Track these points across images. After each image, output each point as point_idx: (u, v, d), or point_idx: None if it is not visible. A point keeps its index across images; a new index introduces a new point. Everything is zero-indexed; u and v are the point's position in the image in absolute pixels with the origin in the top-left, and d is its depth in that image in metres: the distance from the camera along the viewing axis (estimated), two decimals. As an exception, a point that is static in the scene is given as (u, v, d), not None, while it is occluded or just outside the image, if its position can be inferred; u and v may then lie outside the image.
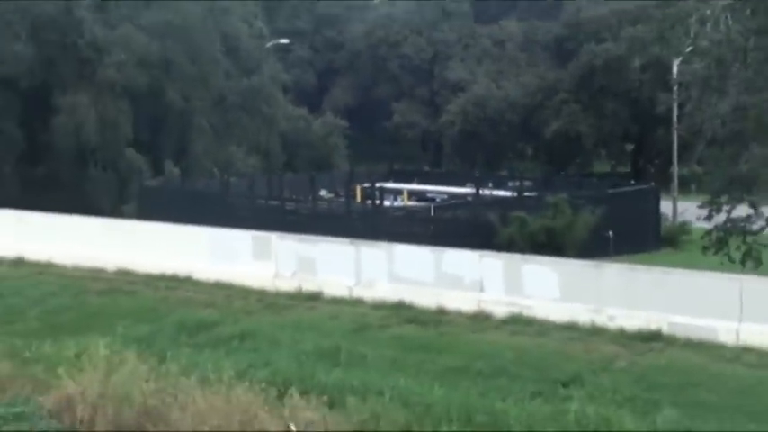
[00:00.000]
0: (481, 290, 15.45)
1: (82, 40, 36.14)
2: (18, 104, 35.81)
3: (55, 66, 36.55)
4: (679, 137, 29.67)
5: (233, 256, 18.01)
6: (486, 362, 13.06)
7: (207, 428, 10.88)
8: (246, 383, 10.94)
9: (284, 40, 47.75)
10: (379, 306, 16.20)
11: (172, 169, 36.97)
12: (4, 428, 11.56)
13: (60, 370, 11.58)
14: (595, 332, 14.66)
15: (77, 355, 12.47)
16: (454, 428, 10.13)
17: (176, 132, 39.15)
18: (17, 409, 11.71)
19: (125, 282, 18.82)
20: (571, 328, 14.82)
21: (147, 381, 11.40)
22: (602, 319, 14.62)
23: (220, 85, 41.43)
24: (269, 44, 45.76)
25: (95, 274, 19.49)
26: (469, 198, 31.08)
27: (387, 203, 31.32)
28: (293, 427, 10.41)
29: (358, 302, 16.60)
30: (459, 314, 15.72)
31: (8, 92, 35.37)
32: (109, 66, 35.97)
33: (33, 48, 35.22)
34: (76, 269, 19.74)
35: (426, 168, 50.58)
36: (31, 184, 34.52)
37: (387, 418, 10.48)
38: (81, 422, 11.65)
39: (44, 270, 19.92)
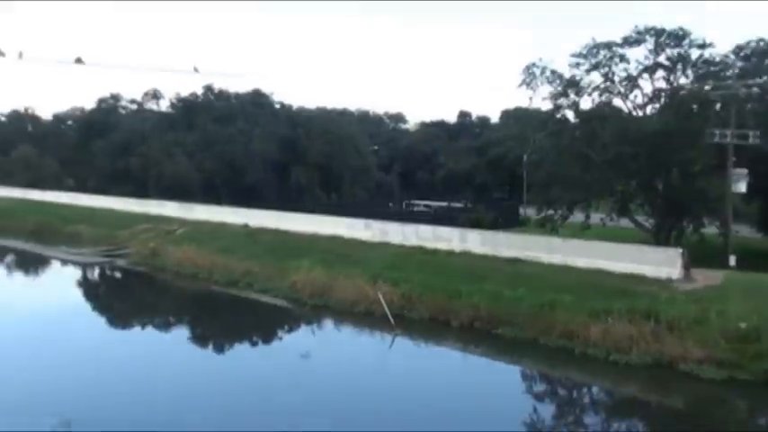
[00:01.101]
0: (450, 241, 38.11)
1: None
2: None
3: None
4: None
5: (356, 228, 41.55)
6: (451, 268, 33.51)
7: (349, 295, 33.96)
8: (360, 277, 32.85)
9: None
10: (413, 247, 37.57)
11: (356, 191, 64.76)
12: (269, 301, 34.72)
13: (291, 271, 35.14)
14: (492, 259, 34.86)
15: (295, 266, 36.42)
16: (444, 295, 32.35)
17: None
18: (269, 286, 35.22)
19: (315, 239, 41.26)
20: (484, 257, 35.97)
21: (323, 277, 34.93)
22: (496, 253, 35.73)
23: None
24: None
25: (306, 235, 42.56)
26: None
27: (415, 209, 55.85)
28: (380, 294, 33.17)
29: (403, 246, 38.02)
30: (443, 251, 36.89)
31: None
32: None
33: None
34: (301, 234, 43.16)
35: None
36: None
37: (414, 290, 31.10)
38: (295, 291, 35.07)
39: (289, 233, 43.76)
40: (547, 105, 39.29)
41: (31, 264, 48.01)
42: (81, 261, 46.10)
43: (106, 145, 73.92)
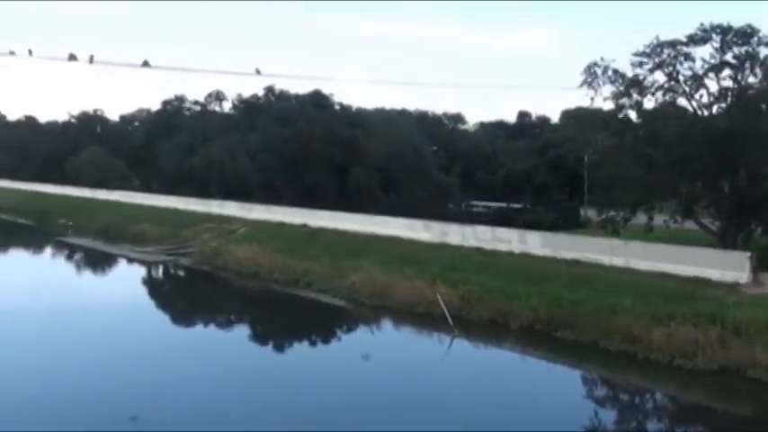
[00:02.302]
0: (509, 242, 37.83)
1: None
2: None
3: None
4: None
5: (415, 229, 41.61)
6: (510, 270, 32.95)
7: (408, 296, 33.51)
8: (418, 278, 32.52)
9: None
10: (471, 248, 37.49)
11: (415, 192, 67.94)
12: (328, 300, 34.80)
13: (350, 271, 35.16)
14: (552, 261, 34.43)
15: (354, 266, 36.53)
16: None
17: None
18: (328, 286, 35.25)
19: (374, 239, 41.78)
20: (544, 258, 34.96)
21: (382, 277, 34.96)
22: (556, 255, 34.82)
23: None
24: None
25: (364, 235, 43.00)
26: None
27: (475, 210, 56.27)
28: (439, 295, 33.01)
29: (461, 247, 37.96)
30: (502, 253, 36.44)
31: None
32: None
33: None
34: (360, 235, 43.50)
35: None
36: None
37: (473, 291, 30.64)
38: (354, 291, 35.29)
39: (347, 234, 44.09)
40: (608, 105, 38.53)
41: (98, 261, 49.45)
42: (146, 259, 47.30)
43: (170, 146, 75.58)
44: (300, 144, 68.95)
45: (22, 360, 23.49)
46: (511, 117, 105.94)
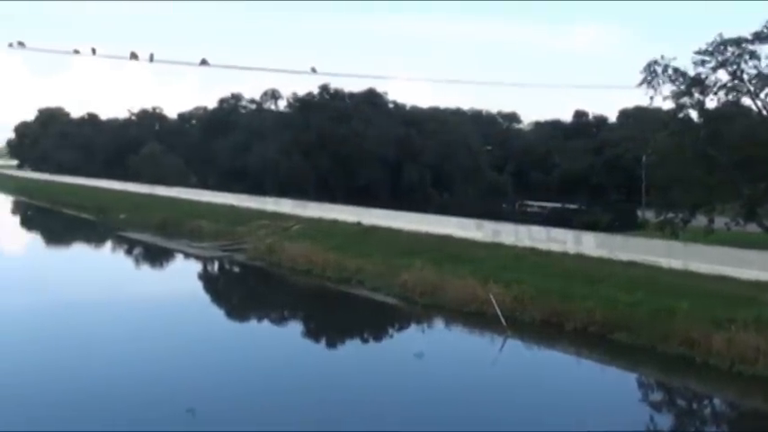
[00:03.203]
0: (564, 243, 37.34)
1: None
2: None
3: None
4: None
5: (468, 228, 41.43)
6: (565, 271, 32.47)
7: (460, 295, 33.76)
8: (471, 278, 32.29)
9: None
10: (525, 249, 37.32)
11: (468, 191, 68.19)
12: (380, 298, 34.85)
13: (402, 270, 35.13)
14: (608, 262, 34.00)
15: (406, 265, 36.56)
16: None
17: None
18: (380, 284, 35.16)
19: (426, 238, 41.80)
20: (600, 260, 34.39)
21: (434, 276, 34.83)
22: (612, 256, 34.36)
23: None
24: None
25: (417, 234, 43.27)
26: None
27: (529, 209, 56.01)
28: (491, 295, 32.74)
29: (515, 247, 37.84)
30: (557, 253, 36.09)
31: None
32: None
33: None
34: (413, 233, 43.81)
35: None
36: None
37: (526, 291, 30.04)
38: (406, 289, 35.29)
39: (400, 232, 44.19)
40: (668, 105, 37.77)
41: (156, 256, 50.49)
42: (202, 255, 48.11)
43: (226, 143, 76.71)
44: (354, 142, 69.18)
45: (87, 349, 24.24)
46: (567, 116, 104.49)
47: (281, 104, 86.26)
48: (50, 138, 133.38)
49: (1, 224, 77.75)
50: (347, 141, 69.24)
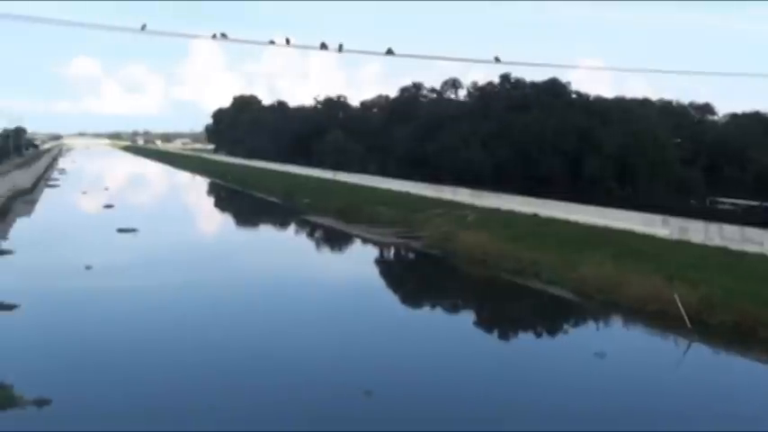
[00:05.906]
0: (761, 244, 34.28)
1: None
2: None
3: None
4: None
5: (652, 224, 39.57)
6: (761, 273, 29.60)
7: (641, 294, 31.72)
8: (653, 276, 30.71)
9: None
10: (715, 248, 34.48)
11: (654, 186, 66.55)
12: (555, 292, 33.56)
13: (579, 264, 34.27)
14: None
15: (584, 259, 35.36)
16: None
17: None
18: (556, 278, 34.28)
19: (606, 232, 39.96)
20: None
21: (613, 272, 33.37)
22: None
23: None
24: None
25: (596, 228, 41.61)
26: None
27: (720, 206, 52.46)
28: (676, 295, 30.72)
29: (705, 246, 35.21)
30: (752, 254, 33.05)
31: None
32: None
33: None
34: (592, 227, 42.58)
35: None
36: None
37: (715, 293, 28.66)
38: (583, 284, 34.10)
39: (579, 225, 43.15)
40: None
41: (336, 240, 52.40)
42: (379, 240, 49.31)
43: (406, 131, 77.98)
44: (534, 132, 68.04)
45: (271, 327, 25.95)
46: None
47: (461, 94, 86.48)
48: (243, 124, 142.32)
49: (197, 205, 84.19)
50: (527, 131, 68.23)
